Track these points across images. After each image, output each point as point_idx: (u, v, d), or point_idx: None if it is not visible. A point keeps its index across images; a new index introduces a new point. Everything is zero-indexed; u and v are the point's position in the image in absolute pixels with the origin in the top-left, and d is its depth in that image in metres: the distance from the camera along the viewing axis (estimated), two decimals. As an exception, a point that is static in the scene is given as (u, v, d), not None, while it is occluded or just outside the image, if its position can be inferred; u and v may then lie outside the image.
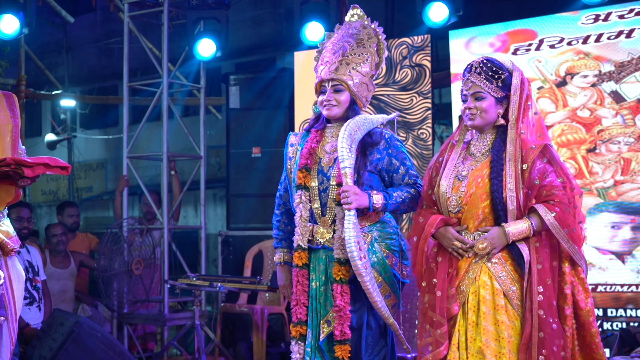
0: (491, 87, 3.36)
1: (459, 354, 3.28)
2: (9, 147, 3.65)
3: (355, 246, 3.49)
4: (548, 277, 3.22)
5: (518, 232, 3.26)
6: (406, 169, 3.80)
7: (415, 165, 7.02)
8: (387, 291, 3.67)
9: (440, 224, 3.43)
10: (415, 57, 7.10)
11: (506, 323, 3.25)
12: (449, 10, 6.97)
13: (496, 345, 3.23)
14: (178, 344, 6.92)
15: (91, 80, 14.05)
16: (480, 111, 3.38)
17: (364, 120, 3.72)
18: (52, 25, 12.79)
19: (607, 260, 6.23)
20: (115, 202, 8.08)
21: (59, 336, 5.52)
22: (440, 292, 3.37)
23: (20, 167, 3.39)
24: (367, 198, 3.62)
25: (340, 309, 3.61)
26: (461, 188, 3.40)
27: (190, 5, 7.74)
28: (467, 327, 3.29)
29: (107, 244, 7.25)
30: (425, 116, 7.10)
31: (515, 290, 3.26)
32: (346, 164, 3.58)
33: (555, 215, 3.21)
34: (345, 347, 3.61)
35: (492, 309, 3.26)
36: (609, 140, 6.30)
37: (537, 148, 3.29)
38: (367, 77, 3.81)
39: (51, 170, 3.53)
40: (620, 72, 6.31)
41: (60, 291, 7.24)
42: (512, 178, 3.26)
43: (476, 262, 3.33)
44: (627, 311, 6.17)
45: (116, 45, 12.41)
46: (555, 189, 3.25)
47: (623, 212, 6.24)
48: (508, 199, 3.26)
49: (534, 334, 3.17)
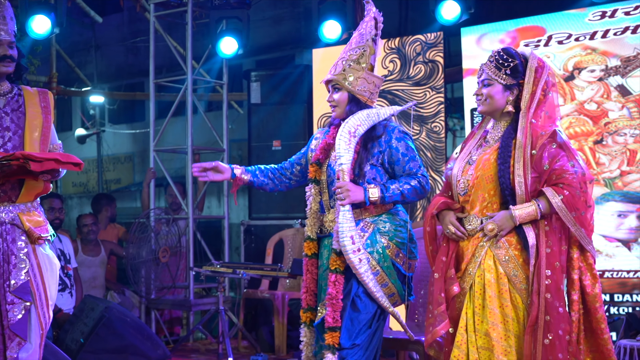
0: (499, 74, 3.34)
1: (467, 336, 3.26)
2: (37, 142, 3.65)
3: (348, 240, 3.51)
4: (556, 260, 3.17)
5: (525, 214, 3.22)
6: (407, 159, 3.69)
7: (423, 156, 7.03)
8: (383, 280, 3.61)
9: (442, 206, 3.44)
10: (429, 53, 7.08)
11: (510, 307, 3.23)
12: (461, 8, 6.95)
13: (502, 328, 3.21)
14: (203, 328, 6.95)
15: (119, 78, 14.09)
16: (487, 97, 3.37)
17: (367, 116, 3.67)
18: (81, 25, 12.81)
19: (614, 247, 6.21)
20: (143, 193, 8.11)
21: (90, 321, 5.55)
22: (438, 274, 3.39)
23: (28, 161, 3.39)
24: (362, 193, 3.58)
25: (332, 297, 3.59)
26: (469, 171, 3.39)
27: (213, 5, 7.75)
28: (474, 309, 3.27)
29: (135, 233, 7.28)
30: (438, 110, 7.09)
31: (519, 275, 3.22)
32: (342, 160, 3.58)
33: (563, 198, 3.16)
34: (336, 334, 3.58)
35: (497, 292, 3.24)
36: (615, 132, 6.28)
37: (547, 134, 3.25)
38: (364, 72, 3.72)
39: (62, 165, 3.52)
40: (626, 67, 6.28)
41: (90, 278, 7.29)
42: (521, 164, 3.23)
43: (481, 246, 3.31)
44: (633, 296, 6.15)
45: (142, 44, 12.45)
46: (566, 172, 3.20)
47: (629, 201, 6.21)
48: (516, 184, 3.23)
49: (541, 317, 3.13)
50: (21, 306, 3.53)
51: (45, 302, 3.61)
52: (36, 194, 3.65)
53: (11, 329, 3.49)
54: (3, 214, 3.56)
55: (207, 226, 9.38)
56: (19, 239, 3.57)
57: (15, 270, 3.54)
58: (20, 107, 3.67)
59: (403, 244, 3.69)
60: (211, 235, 8.67)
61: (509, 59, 3.34)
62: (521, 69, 3.35)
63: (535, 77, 3.32)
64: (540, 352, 3.11)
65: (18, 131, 3.63)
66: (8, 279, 3.52)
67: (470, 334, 3.25)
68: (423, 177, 3.67)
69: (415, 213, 7.09)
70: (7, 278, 3.52)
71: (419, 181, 3.65)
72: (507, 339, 3.20)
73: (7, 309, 3.50)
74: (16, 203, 3.59)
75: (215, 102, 12.01)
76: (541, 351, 3.11)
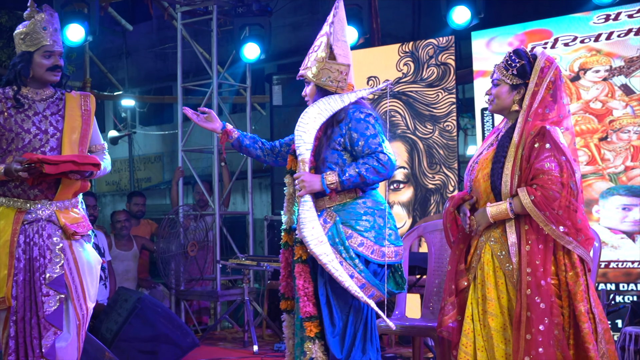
0: (506, 74, 3.29)
1: (473, 325, 3.24)
2: (76, 144, 3.67)
3: (308, 231, 3.35)
4: (537, 258, 3.08)
5: (496, 212, 3.16)
6: (365, 139, 3.44)
7: (436, 154, 7.02)
8: (350, 271, 3.37)
9: (458, 201, 3.39)
10: (441, 56, 7.06)
11: (505, 298, 3.18)
12: (471, 13, 6.93)
13: (500, 318, 3.18)
14: (229, 317, 6.98)
15: (148, 82, 14.16)
16: (494, 97, 3.34)
17: (328, 103, 3.48)
18: (113, 33, 12.89)
19: (619, 239, 6.17)
20: (172, 191, 8.14)
21: (124, 311, 5.57)
22: (450, 267, 3.36)
23: (43, 164, 3.40)
24: (319, 181, 3.40)
25: (300, 288, 3.44)
26: (475, 169, 3.37)
27: (236, 13, 7.77)
28: (477, 300, 3.25)
29: (165, 229, 7.31)
30: (450, 110, 7.06)
31: (512, 269, 3.16)
32: (300, 151, 3.43)
33: (533, 199, 3.06)
34: (313, 324, 3.42)
35: (494, 284, 3.20)
36: (620, 130, 6.24)
37: (535, 132, 3.16)
38: (325, 62, 3.53)
39: (80, 167, 3.52)
40: (629, 67, 6.25)
41: (124, 271, 7.34)
42: (511, 163, 3.16)
43: (482, 241, 3.29)
44: (638, 285, 6.12)
45: (170, 50, 12.49)
46: (543, 173, 3.09)
47: (633, 195, 6.18)
48: (502, 183, 3.19)
49: (523, 314, 3.05)
50: (56, 298, 3.55)
51: (82, 295, 3.63)
52: (74, 192, 3.67)
53: (46, 319, 3.51)
54: (40, 211, 3.59)
55: (232, 221, 9.42)
56: (54, 235, 3.59)
57: (51, 264, 3.56)
58: (59, 111, 3.69)
59: (371, 232, 3.46)
60: (236, 230, 8.70)
61: (516, 59, 3.30)
62: (528, 69, 3.28)
63: (539, 76, 3.25)
64: (522, 347, 3.06)
65: (56, 134, 3.65)
66: (44, 272, 3.54)
67: (476, 322, 3.23)
68: (383, 154, 3.41)
69: (428, 208, 7.08)
70: (43, 271, 3.54)
71: (378, 159, 3.40)
72: (505, 330, 3.16)
73: (42, 301, 3.52)
74: (53, 201, 3.61)
75: (239, 104, 12.05)
76: (523, 346, 3.05)
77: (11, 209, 3.58)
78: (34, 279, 3.53)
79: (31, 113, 3.63)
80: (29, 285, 3.53)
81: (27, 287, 3.53)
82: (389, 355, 5.99)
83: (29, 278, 3.53)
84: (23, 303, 3.51)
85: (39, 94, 3.69)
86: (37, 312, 3.51)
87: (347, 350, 3.42)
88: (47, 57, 3.63)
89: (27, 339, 3.50)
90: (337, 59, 3.57)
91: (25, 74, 3.64)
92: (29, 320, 3.51)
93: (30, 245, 3.55)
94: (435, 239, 4.24)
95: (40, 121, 3.64)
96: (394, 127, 7.26)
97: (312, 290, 3.46)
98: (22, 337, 3.51)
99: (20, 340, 3.51)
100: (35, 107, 3.66)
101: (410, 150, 7.21)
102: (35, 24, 3.64)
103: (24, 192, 3.57)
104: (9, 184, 3.57)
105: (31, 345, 3.50)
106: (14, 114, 3.61)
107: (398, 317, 4.19)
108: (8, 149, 3.59)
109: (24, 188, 3.56)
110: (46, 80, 3.66)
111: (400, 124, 7.24)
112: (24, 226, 3.55)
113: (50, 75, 3.65)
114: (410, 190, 7.21)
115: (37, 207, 3.58)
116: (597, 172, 6.19)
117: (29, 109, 3.64)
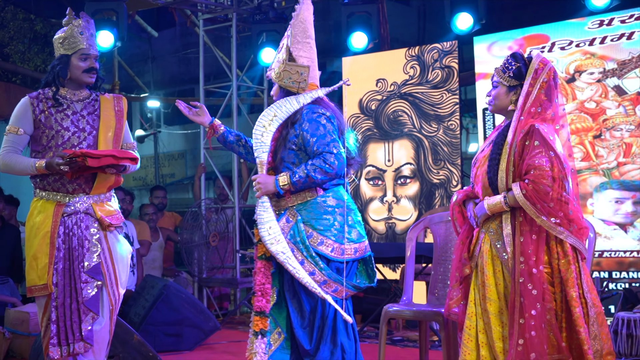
0: (504, 77, 3.28)
1: (475, 309, 3.26)
2: (110, 141, 3.71)
3: (265, 231, 3.28)
4: (529, 248, 3.08)
5: (492, 204, 3.16)
6: (316, 139, 3.30)
7: (440, 151, 7.02)
8: (311, 269, 3.26)
9: (462, 197, 3.38)
10: (445, 60, 7.05)
11: (502, 285, 3.18)
12: (474, 19, 6.93)
13: (497, 304, 3.18)
14: (248, 303, 7.00)
15: (172, 85, 14.19)
16: (494, 98, 3.34)
17: (284, 105, 3.37)
18: (139, 39, 12.92)
19: (612, 230, 6.16)
20: (195, 185, 8.18)
21: (151, 297, 5.60)
22: (455, 256, 3.37)
23: (86, 158, 3.43)
24: (273, 183, 3.31)
25: (257, 284, 3.33)
26: (475, 167, 3.38)
27: (254, 20, 7.79)
28: (478, 286, 3.26)
29: (188, 221, 7.34)
30: (453, 110, 7.06)
31: (507, 258, 3.15)
32: (258, 153, 3.34)
33: (525, 193, 3.06)
34: (262, 320, 3.31)
35: (491, 272, 3.20)
36: (613, 128, 6.22)
37: (525, 131, 3.15)
38: (285, 64, 3.40)
39: (119, 161, 3.55)
40: (622, 69, 6.23)
41: (150, 260, 7.38)
42: (505, 160, 3.18)
43: (482, 232, 3.29)
44: (630, 273, 6.10)
45: (193, 55, 12.51)
46: (535, 168, 3.08)
47: (625, 189, 6.16)
48: (499, 179, 3.20)
49: (516, 299, 3.06)
50: (93, 284, 3.58)
51: (115, 282, 3.66)
52: (108, 186, 3.70)
53: (85, 304, 3.54)
54: (78, 204, 3.62)
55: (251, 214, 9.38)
56: (91, 226, 3.62)
57: (89, 254, 3.59)
58: (95, 111, 3.73)
59: (330, 230, 3.32)
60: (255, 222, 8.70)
61: (513, 62, 3.29)
62: (524, 71, 3.26)
63: (533, 77, 3.22)
64: (517, 330, 3.06)
65: (93, 132, 3.68)
66: (82, 261, 3.57)
67: (477, 307, 3.25)
68: (330, 154, 3.28)
69: (434, 201, 7.08)
70: (81, 260, 3.57)
71: (324, 160, 3.26)
72: (501, 314, 3.17)
73: (81, 287, 3.55)
74: (90, 194, 3.64)
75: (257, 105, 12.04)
76: (517, 330, 3.06)
77: (51, 202, 3.61)
78: (73, 267, 3.56)
79: (69, 112, 3.67)
80: (68, 273, 3.56)
81: (66, 274, 3.56)
82: (396, 338, 6.01)
83: (68, 266, 3.56)
84: (63, 289, 3.55)
85: (77, 95, 3.72)
86: (77, 298, 3.54)
87: (316, 341, 3.33)
88: (84, 60, 3.66)
89: (67, 323, 3.54)
90: (297, 61, 3.42)
91: (63, 75, 3.67)
92: (69, 306, 3.54)
93: (70, 236, 3.58)
94: (440, 230, 4.24)
95: (78, 120, 3.67)
96: (402, 126, 7.27)
97: (269, 287, 3.35)
98: (63, 321, 3.54)
99: (61, 325, 3.54)
100: (73, 107, 3.69)
101: (417, 147, 7.21)
102: (73, 29, 3.67)
103: (63, 186, 3.60)
104: (49, 178, 3.60)
105: (71, 328, 3.53)
106: (54, 113, 3.64)
107: (405, 302, 4.19)
108: (48, 145, 3.62)
109: (63, 182, 3.59)
110: (82, 81, 3.69)
111: (407, 123, 7.25)
112: (64, 218, 3.58)
113: (86, 77, 3.68)
114: (417, 184, 7.22)
115: (75, 200, 3.61)
116: (591, 167, 6.20)
117: (67, 108, 3.68)
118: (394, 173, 7.31)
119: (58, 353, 3.53)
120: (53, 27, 9.76)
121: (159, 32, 12.63)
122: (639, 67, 6.14)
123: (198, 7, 8.12)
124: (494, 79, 3.34)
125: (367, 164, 7.39)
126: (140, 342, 4.38)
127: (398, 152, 7.28)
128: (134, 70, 12.84)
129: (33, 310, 5.11)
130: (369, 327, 6.36)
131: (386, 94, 7.32)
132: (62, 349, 3.54)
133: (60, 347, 3.54)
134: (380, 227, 7.36)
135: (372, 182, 7.41)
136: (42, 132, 3.63)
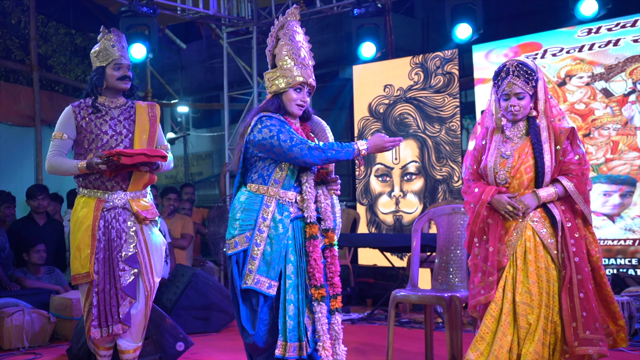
0: (528, 87, 3.26)
1: (503, 294, 3.22)
2: (145, 142, 3.74)
3: None
4: (576, 231, 3.19)
5: (547, 194, 3.21)
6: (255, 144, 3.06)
7: (442, 150, 7.00)
8: None
9: (495, 192, 3.32)
10: (446, 66, 7.04)
11: (543, 269, 3.20)
12: (472, 29, 6.91)
13: (538, 286, 3.19)
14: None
15: (200, 92, 14.22)
16: (522, 108, 3.29)
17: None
18: (169, 51, 12.97)
19: (601, 220, 6.13)
20: (220, 183, 8.20)
21: (181, 284, 5.61)
22: (492, 248, 3.25)
23: (120, 156, 3.47)
24: None
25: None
26: (508, 164, 3.30)
27: (273, 32, 7.79)
28: (515, 272, 3.23)
29: (215, 215, 7.37)
30: (454, 112, 7.04)
31: (553, 242, 3.20)
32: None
33: (574, 184, 3.21)
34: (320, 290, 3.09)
35: (534, 257, 3.21)
36: (601, 127, 6.19)
37: (566, 132, 3.24)
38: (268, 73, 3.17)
39: (151, 158, 3.58)
40: (609, 73, 6.19)
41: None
42: (549, 155, 3.22)
43: (522, 222, 3.27)
44: (617, 260, 6.08)
45: (218, 65, 12.54)
46: (573, 164, 3.22)
47: (612, 183, 6.13)
48: (546, 173, 3.23)
49: (574, 277, 3.13)
50: (130, 272, 3.62)
51: (150, 271, 3.69)
52: (144, 184, 3.73)
53: (123, 290, 3.59)
54: (117, 200, 3.66)
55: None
56: (128, 220, 3.66)
57: (126, 245, 3.63)
58: (131, 116, 3.77)
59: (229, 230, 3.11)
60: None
61: (532, 74, 3.27)
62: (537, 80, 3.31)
63: (544, 85, 3.30)
64: (578, 304, 3.12)
65: (129, 135, 3.72)
66: (120, 251, 3.61)
67: (507, 292, 3.22)
68: None
69: (437, 195, 7.07)
70: (119, 250, 3.61)
71: None
72: (541, 295, 3.18)
73: (119, 275, 3.60)
74: (127, 191, 3.68)
75: (276, 110, 12.06)
76: (579, 304, 3.12)
77: (92, 198, 3.65)
78: (112, 256, 3.61)
79: (108, 118, 3.71)
80: (108, 262, 3.61)
81: (106, 263, 3.61)
82: (404, 320, 6.00)
83: (107, 256, 3.61)
84: (103, 277, 3.60)
85: (114, 102, 3.76)
86: (115, 285, 3.59)
87: None
88: (117, 69, 3.71)
89: (106, 307, 3.59)
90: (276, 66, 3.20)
91: (100, 85, 3.72)
92: (109, 292, 3.59)
93: (109, 229, 3.62)
94: (443, 222, 4.23)
95: (116, 124, 3.71)
96: (407, 127, 7.25)
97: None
98: (103, 305, 3.59)
99: (102, 308, 3.59)
100: (111, 113, 3.74)
101: (421, 146, 7.20)
102: (106, 43, 3.73)
103: (102, 183, 3.65)
104: (90, 177, 3.65)
105: (110, 312, 3.58)
106: (94, 119, 3.69)
107: (412, 288, 4.19)
108: (89, 148, 3.67)
109: (103, 180, 3.64)
110: (117, 88, 3.73)
111: (412, 124, 7.23)
112: (103, 212, 3.63)
113: (121, 84, 3.73)
114: (421, 180, 7.21)
115: (113, 196, 3.65)
116: (581, 163, 6.18)
117: (105, 114, 3.72)
118: (401, 170, 7.31)
119: (99, 333, 3.59)
120: (91, 40, 9.81)
121: (187, 44, 12.68)
122: (624, 71, 6.12)
123: (222, 21, 8.14)
124: (518, 90, 3.25)
125: (376, 162, 7.39)
126: (172, 325, 4.40)
127: (404, 151, 7.27)
128: (165, 78, 12.89)
129: (75, 296, 5.16)
130: (379, 310, 6.37)
131: (393, 99, 7.32)
132: (102, 330, 3.59)
133: (100, 328, 3.59)
134: (388, 219, 7.36)
135: (380, 178, 7.41)
136: (83, 137, 3.68)
